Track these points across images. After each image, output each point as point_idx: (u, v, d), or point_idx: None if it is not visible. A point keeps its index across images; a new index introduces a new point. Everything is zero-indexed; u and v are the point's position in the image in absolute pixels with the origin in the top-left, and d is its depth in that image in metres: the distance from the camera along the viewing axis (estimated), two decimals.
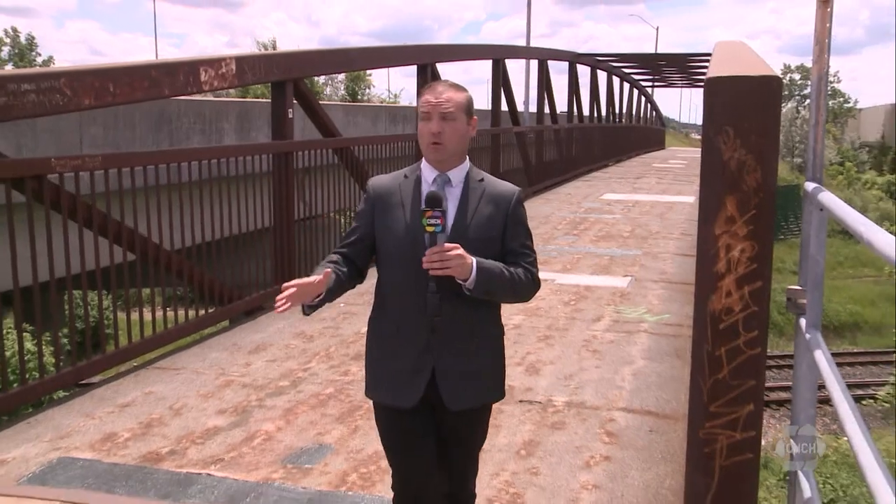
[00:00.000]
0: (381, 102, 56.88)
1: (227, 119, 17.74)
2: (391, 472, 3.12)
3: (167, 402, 5.38)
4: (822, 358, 2.70)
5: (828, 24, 3.30)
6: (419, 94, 3.01)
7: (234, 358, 6.34)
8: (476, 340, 2.99)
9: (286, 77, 8.35)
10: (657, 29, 73.43)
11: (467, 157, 3.05)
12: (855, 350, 29.86)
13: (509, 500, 4.04)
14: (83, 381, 5.92)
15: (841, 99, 73.78)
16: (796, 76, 74.17)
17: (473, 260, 2.80)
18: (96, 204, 5.94)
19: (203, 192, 6.96)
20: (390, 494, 4.05)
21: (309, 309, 2.87)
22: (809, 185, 3.12)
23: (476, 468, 3.28)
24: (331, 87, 59.40)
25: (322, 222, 9.81)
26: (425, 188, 2.95)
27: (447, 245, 2.77)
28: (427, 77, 12.39)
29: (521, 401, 5.35)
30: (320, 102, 10.18)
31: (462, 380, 2.96)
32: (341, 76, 57.59)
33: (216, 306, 7.39)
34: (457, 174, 3.00)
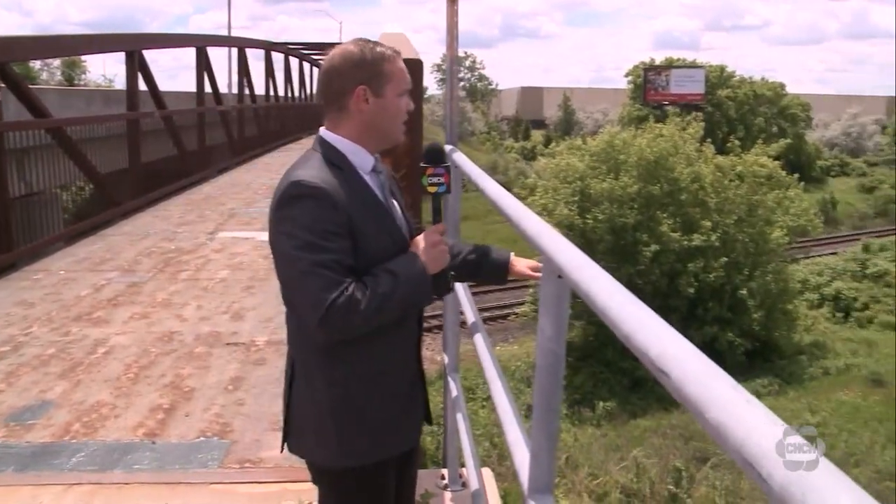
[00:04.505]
0: (97, 87, 53.03)
1: None
2: None
3: None
4: (460, 288, 2.82)
5: (455, 18, 3.42)
6: (386, 58, 2.01)
7: None
8: None
9: None
10: (341, 23, 73.84)
11: None
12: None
13: (220, 429, 3.93)
14: None
15: (486, 82, 77.46)
16: None
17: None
18: None
19: None
20: (113, 436, 3.85)
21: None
22: (447, 147, 3.23)
23: None
24: (47, 73, 54.47)
25: (42, 198, 9.05)
26: (369, 180, 2.02)
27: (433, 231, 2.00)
28: (136, 64, 11.59)
29: (227, 344, 5.21)
30: (36, 87, 9.28)
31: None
32: (57, 62, 52.96)
33: None
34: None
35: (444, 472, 3.59)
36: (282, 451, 2.15)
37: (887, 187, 47.64)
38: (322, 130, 2.05)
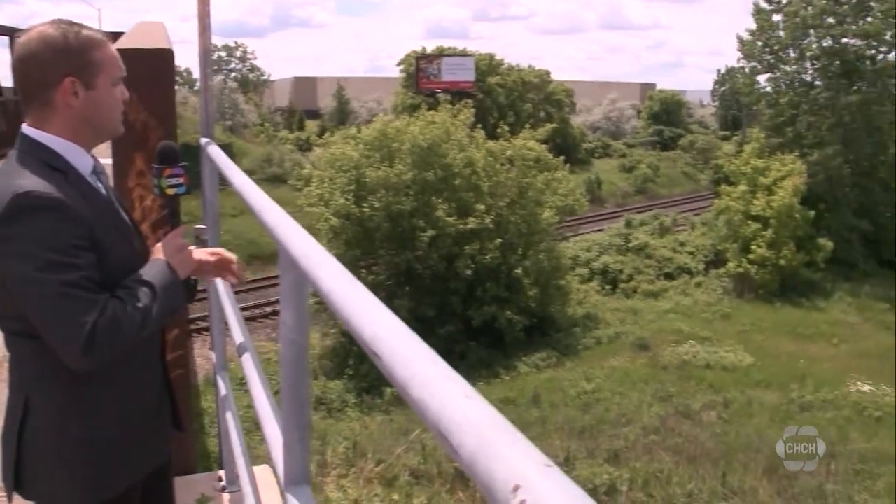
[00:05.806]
0: None
1: None
2: None
3: None
4: (220, 283, 2.76)
5: (207, 7, 3.34)
6: (95, 44, 1.78)
7: None
8: None
9: None
10: (100, 10, 69.82)
11: None
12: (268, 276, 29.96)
13: None
14: None
15: (258, 73, 75.81)
16: (223, 54, 74.50)
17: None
18: None
19: None
20: None
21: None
22: (203, 141, 3.15)
23: None
24: None
25: None
26: (96, 182, 1.84)
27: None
28: None
29: None
30: None
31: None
32: None
33: None
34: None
35: (222, 473, 3.52)
36: (11, 502, 1.89)
37: (644, 167, 51.62)
38: (26, 128, 1.80)
